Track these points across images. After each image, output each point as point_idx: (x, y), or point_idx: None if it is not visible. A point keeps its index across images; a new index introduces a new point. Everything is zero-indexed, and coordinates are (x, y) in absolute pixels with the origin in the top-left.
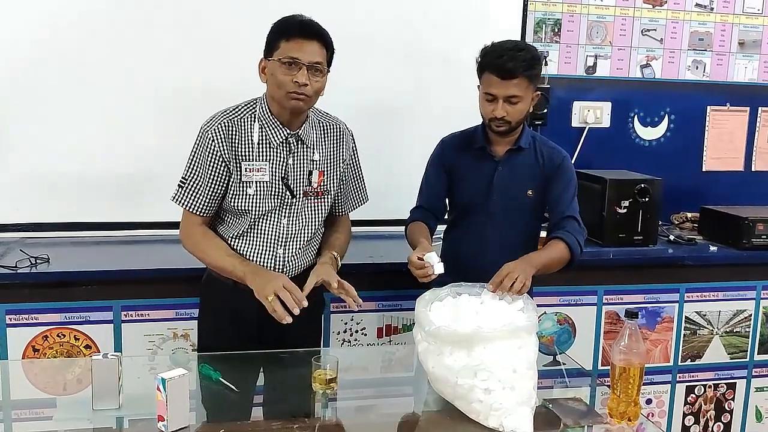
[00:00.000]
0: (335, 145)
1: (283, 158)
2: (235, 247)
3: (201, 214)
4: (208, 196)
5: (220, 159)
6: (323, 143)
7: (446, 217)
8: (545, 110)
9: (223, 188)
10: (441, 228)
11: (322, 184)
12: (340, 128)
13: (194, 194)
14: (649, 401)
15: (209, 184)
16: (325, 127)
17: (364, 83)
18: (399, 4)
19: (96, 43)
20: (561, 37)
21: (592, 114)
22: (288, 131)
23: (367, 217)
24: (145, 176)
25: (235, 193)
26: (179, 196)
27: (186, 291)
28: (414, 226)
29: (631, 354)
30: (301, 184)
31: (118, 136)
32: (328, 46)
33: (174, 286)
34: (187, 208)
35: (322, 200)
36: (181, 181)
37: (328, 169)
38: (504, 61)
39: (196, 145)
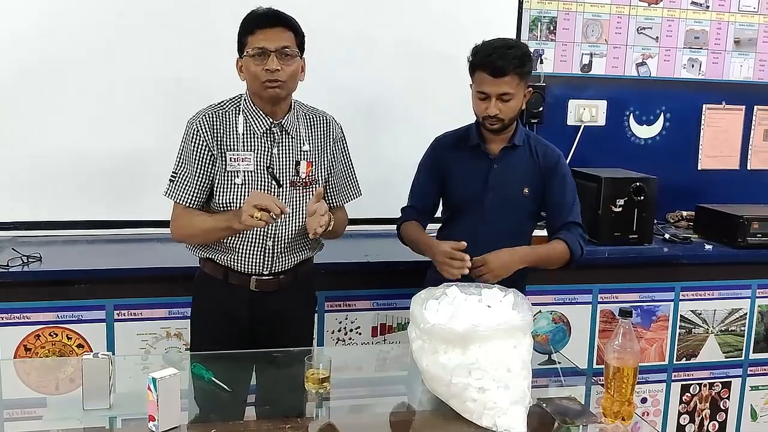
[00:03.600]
0: (323, 136)
1: (268, 148)
2: (225, 241)
3: (192, 206)
4: (198, 188)
5: (206, 150)
6: (311, 134)
7: (439, 215)
8: (541, 108)
9: (210, 179)
10: (434, 226)
11: (310, 174)
12: (327, 119)
13: (185, 187)
14: (644, 400)
15: (197, 176)
16: (312, 119)
17: (360, 82)
18: (395, 3)
19: (90, 44)
20: (556, 35)
21: (587, 112)
22: (271, 121)
23: (362, 215)
24: (138, 175)
25: (222, 184)
26: (170, 191)
27: (179, 290)
28: (411, 226)
29: (625, 353)
30: (288, 174)
31: (111, 135)
32: (294, 30)
33: (167, 285)
34: (179, 201)
35: (310, 190)
36: (171, 176)
37: (317, 159)
38: (494, 60)
39: (183, 139)
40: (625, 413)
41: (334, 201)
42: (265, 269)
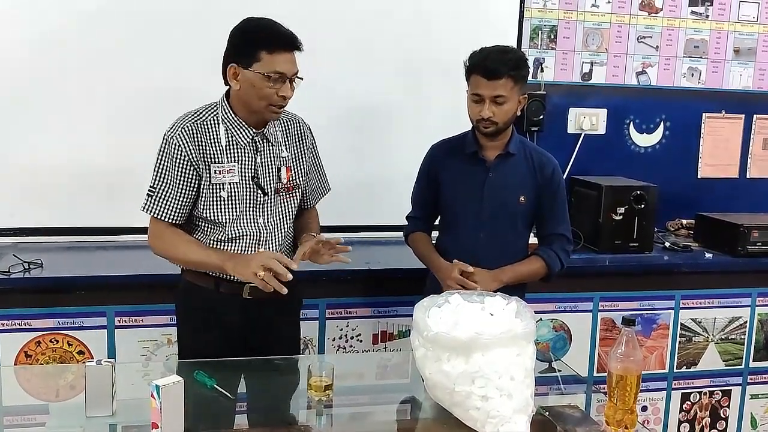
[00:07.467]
0: (298, 140)
1: (251, 158)
2: None
3: (172, 221)
4: (179, 203)
5: (188, 163)
6: (287, 139)
7: (437, 222)
8: (541, 116)
9: (194, 193)
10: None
11: (290, 179)
12: (299, 122)
13: (165, 202)
14: (644, 408)
15: (180, 190)
16: (287, 124)
17: (360, 89)
18: (396, 11)
19: (91, 51)
20: (557, 43)
21: (588, 120)
22: (254, 131)
23: (363, 223)
24: (139, 180)
25: (207, 197)
26: (149, 206)
27: None
28: (419, 238)
29: (628, 361)
30: (272, 182)
31: (112, 142)
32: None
33: (168, 292)
34: (158, 217)
35: (293, 195)
36: (150, 190)
37: (295, 163)
38: (489, 63)
39: (162, 153)
40: (628, 422)
41: (308, 202)
42: None
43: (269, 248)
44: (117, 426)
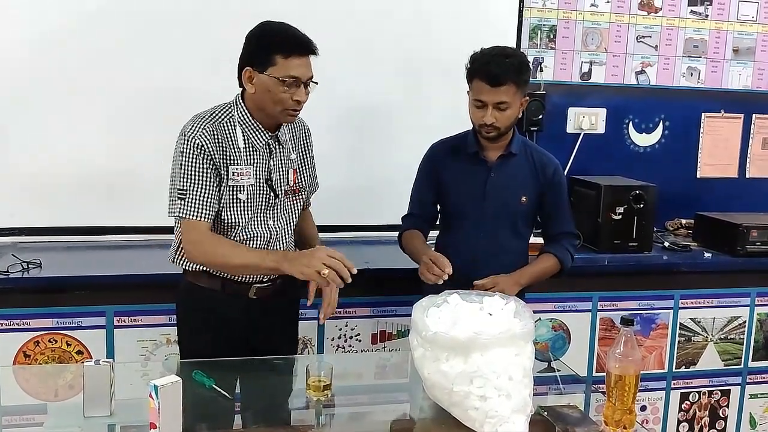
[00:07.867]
0: (303, 142)
1: (266, 160)
2: None
3: (208, 220)
4: (212, 202)
5: (212, 163)
6: (295, 142)
7: (438, 222)
8: (541, 116)
9: (219, 193)
10: (434, 233)
11: (297, 181)
12: (303, 125)
13: (200, 202)
14: (643, 408)
15: (211, 189)
16: (293, 127)
17: (360, 89)
18: (396, 11)
19: (90, 52)
20: (556, 43)
21: (587, 120)
22: (269, 134)
23: (362, 222)
24: (139, 181)
25: (225, 199)
26: (184, 209)
27: None
28: (409, 234)
29: (626, 361)
30: (282, 184)
31: (112, 142)
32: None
33: (167, 292)
34: (198, 218)
35: (299, 197)
36: (180, 193)
37: (301, 166)
38: (492, 68)
39: (186, 153)
40: (626, 422)
41: (305, 202)
42: (264, 276)
43: (277, 249)
44: (115, 426)
